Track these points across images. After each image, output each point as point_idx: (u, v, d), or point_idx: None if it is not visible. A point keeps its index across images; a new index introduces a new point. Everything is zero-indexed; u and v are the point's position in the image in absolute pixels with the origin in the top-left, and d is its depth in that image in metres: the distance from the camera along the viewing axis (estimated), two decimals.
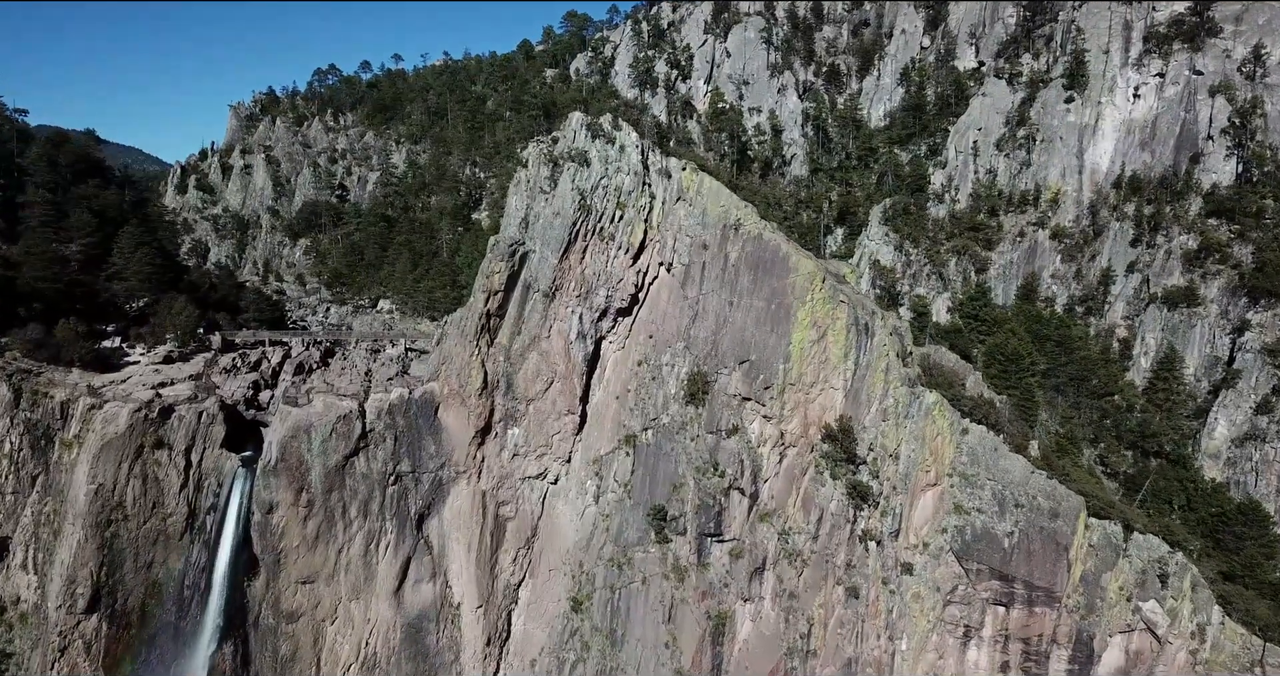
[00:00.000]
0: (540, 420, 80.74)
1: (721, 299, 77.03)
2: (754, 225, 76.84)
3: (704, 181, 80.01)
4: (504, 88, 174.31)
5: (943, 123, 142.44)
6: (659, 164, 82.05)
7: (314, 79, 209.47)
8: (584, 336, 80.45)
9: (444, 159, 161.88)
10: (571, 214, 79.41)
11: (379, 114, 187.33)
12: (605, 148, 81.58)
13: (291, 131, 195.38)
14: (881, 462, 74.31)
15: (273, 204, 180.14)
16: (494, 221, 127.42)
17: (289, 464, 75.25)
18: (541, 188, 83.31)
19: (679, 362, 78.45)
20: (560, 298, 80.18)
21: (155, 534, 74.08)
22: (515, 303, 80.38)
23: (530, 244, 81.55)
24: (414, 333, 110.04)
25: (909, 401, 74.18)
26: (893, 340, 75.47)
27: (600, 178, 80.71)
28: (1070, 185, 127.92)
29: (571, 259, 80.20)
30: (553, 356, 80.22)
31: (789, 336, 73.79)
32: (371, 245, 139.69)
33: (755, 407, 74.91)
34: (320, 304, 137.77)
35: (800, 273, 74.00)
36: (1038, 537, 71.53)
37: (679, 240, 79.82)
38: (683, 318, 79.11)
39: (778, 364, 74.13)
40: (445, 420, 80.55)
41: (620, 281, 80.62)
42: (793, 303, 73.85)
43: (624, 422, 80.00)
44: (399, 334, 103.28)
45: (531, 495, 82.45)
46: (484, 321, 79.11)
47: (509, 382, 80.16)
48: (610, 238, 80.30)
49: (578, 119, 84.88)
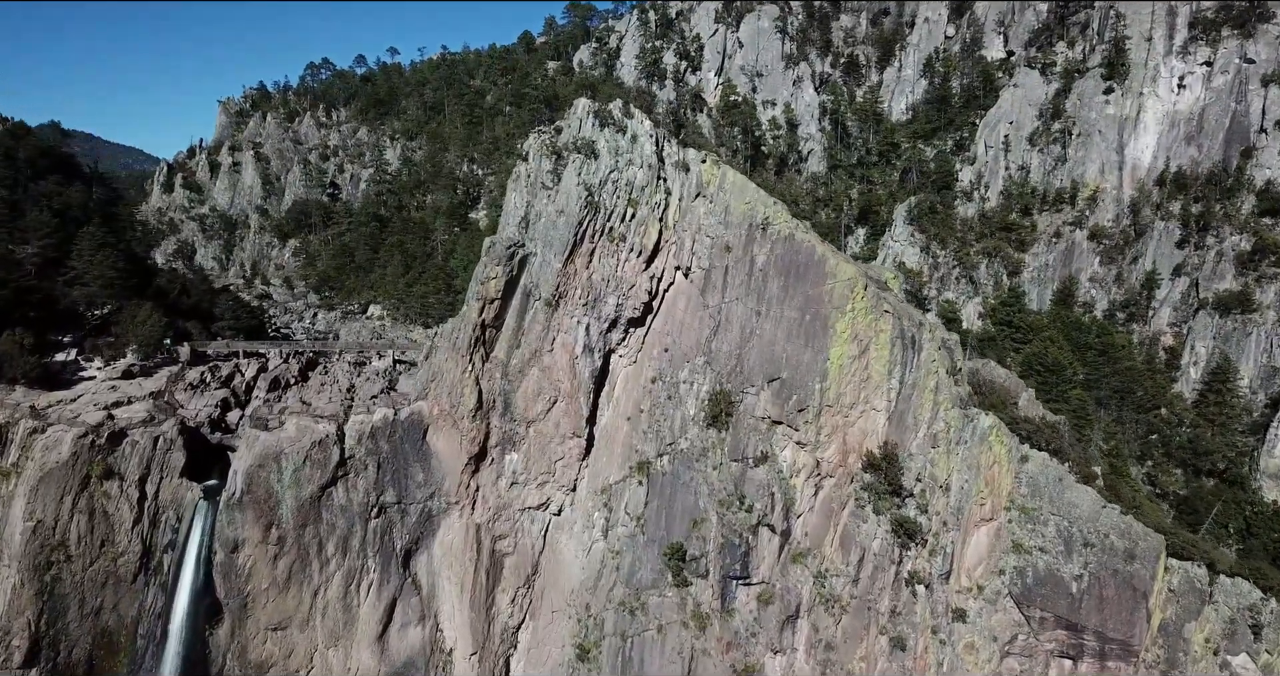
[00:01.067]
0: (542, 444, 71.07)
1: (747, 308, 67.33)
2: (784, 224, 67.16)
3: (726, 175, 70.33)
4: (504, 81, 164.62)
5: (970, 116, 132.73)
6: (675, 155, 72.37)
7: (306, 73, 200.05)
8: (591, 350, 70.79)
9: (440, 155, 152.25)
10: (577, 212, 69.78)
11: (373, 109, 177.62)
12: (615, 137, 71.90)
13: (283, 127, 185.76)
14: (931, 495, 64.62)
15: (262, 203, 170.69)
16: (492, 221, 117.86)
17: (256, 496, 65.56)
18: (543, 183, 73.66)
19: (699, 380, 68.76)
20: (564, 306, 70.52)
21: (104, 576, 64.37)
22: (514, 312, 70.71)
23: (531, 246, 71.89)
24: (404, 342, 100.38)
25: (961, 425, 64.48)
26: (942, 355, 65.76)
27: (609, 171, 71.04)
28: (1109, 182, 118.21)
29: (577, 262, 70.55)
30: (556, 372, 70.59)
31: (826, 351, 64.11)
32: (362, 247, 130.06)
33: (787, 432, 65.22)
34: (307, 309, 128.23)
35: (839, 278, 64.31)
36: (1111, 582, 61.84)
37: (698, 241, 70.14)
38: (703, 329, 69.42)
39: (813, 382, 64.44)
40: (435, 444, 70.90)
41: (632, 288, 70.96)
42: (830, 313, 64.16)
43: (636, 447, 70.33)
44: (386, 344, 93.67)
45: (532, 528, 72.79)
46: (478, 333, 69.44)
47: (506, 402, 70.46)
48: (620, 239, 70.62)
49: (584, 106, 75.20)
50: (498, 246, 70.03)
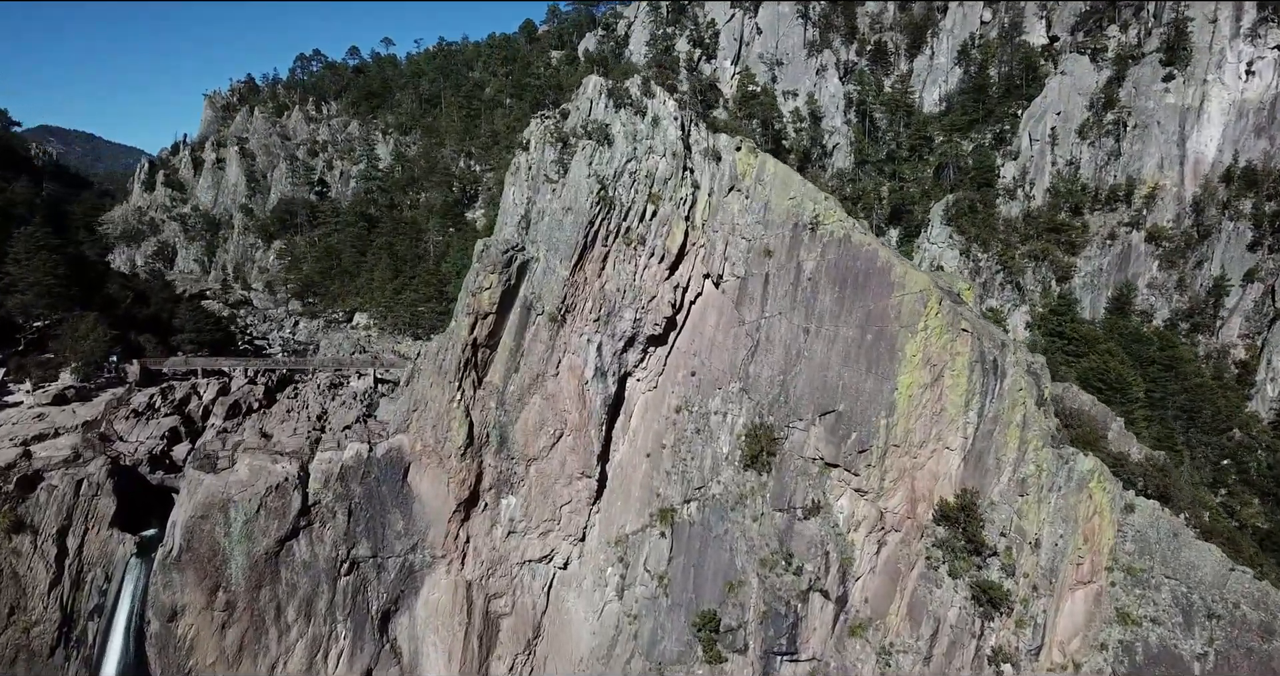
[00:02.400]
0: (545, 486, 58.87)
1: (793, 324, 55.16)
2: (838, 224, 54.95)
3: (766, 165, 58.12)
4: (504, 71, 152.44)
5: (1010, 107, 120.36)
6: (704, 142, 60.16)
7: (296, 65, 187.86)
8: (604, 373, 58.61)
9: (435, 151, 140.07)
10: (587, 209, 57.58)
11: (365, 102, 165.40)
12: (632, 121, 59.72)
13: (270, 122, 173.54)
14: (1018, 553, 52.40)
15: (246, 202, 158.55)
16: (490, 221, 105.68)
17: (199, 554, 53.35)
18: (547, 175, 61.50)
19: (734, 411, 56.59)
20: (572, 322, 58.32)
21: (14, 650, 52.19)
22: (512, 329, 58.50)
23: (532, 249, 59.72)
24: (390, 356, 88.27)
25: (1055, 468, 52.30)
26: (1029, 383, 53.51)
27: (626, 160, 58.84)
28: (1169, 178, 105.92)
29: (587, 269, 58.36)
30: (562, 401, 58.40)
31: (893, 378, 51.90)
32: (348, 249, 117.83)
33: (843, 477, 53.02)
34: (288, 317, 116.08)
35: (908, 290, 52.11)
36: (1244, 662, 49.69)
37: (732, 244, 57.97)
38: (738, 349, 57.23)
39: (876, 417, 52.25)
40: (418, 486, 58.72)
41: (652, 300, 58.74)
42: (898, 332, 51.95)
43: (658, 491, 58.13)
44: (367, 360, 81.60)
45: (533, 584, 60.59)
46: (469, 354, 57.28)
47: (503, 436, 58.27)
48: (639, 241, 58.42)
49: (595, 84, 62.99)
50: (492, 250, 57.83)
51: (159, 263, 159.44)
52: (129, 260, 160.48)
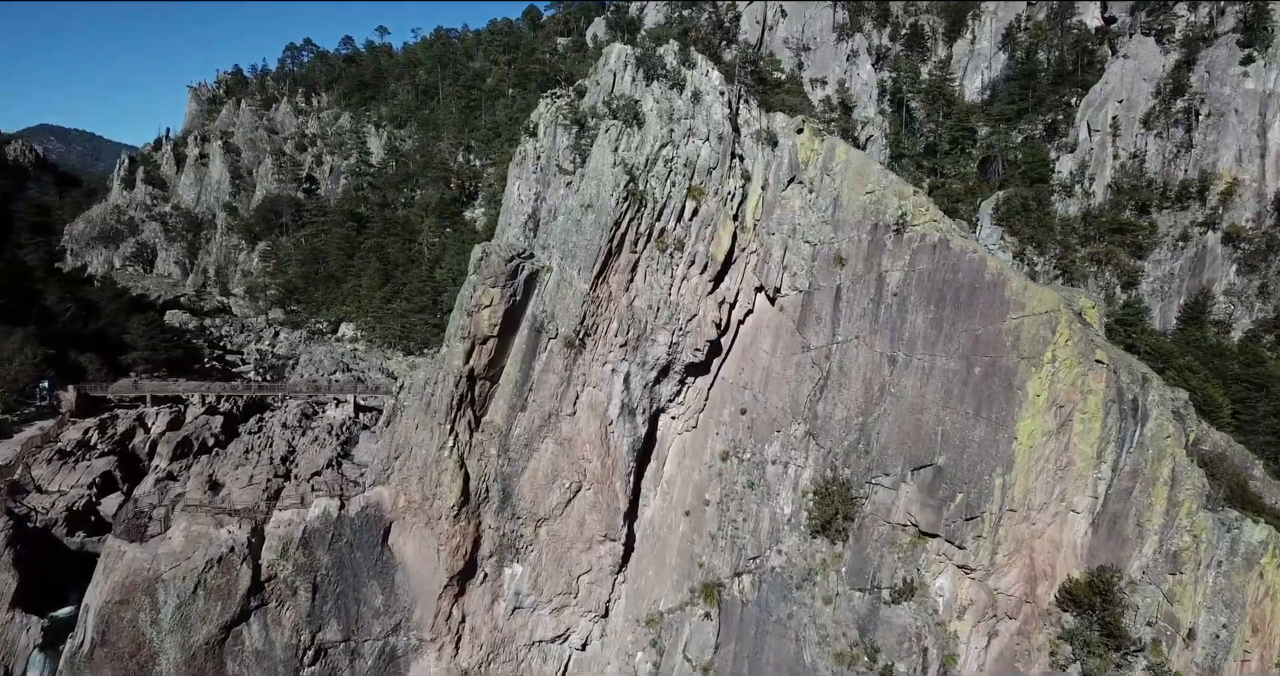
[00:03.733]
0: (559, 551, 46.77)
1: (874, 352, 43.12)
2: (932, 225, 42.84)
3: (836, 151, 45.98)
4: (505, 59, 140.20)
5: (1063, 95, 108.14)
6: (756, 123, 47.99)
7: (286, 56, 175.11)
8: (632, 411, 46.52)
9: (432, 144, 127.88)
10: (612, 206, 45.42)
11: (357, 93, 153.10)
12: (668, 96, 47.53)
13: (257, 115, 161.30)
14: (1169, 647, 40.38)
15: (230, 200, 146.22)
16: (492, 220, 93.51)
17: (117, 649, 41.27)
18: (560, 165, 49.31)
19: (797, 460, 44.54)
20: (593, 347, 46.19)
21: None
22: (517, 357, 46.37)
23: (543, 257, 47.58)
24: (376, 376, 76.26)
25: (1215, 538, 40.30)
26: (1177, 428, 41.47)
27: (660, 145, 46.66)
28: (1249, 172, 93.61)
29: (612, 282, 46.23)
30: (580, 446, 46.30)
31: (1011, 424, 39.81)
32: (335, 251, 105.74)
33: (945, 550, 40.96)
34: (268, 327, 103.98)
35: (1031, 310, 40.00)
36: None
37: (793, 250, 45.89)
38: (801, 382, 45.17)
39: (989, 473, 40.18)
40: (401, 551, 46.68)
41: (692, 319, 46.62)
42: (1017, 365, 39.86)
43: (701, 559, 46.09)
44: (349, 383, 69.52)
45: (544, 668, 48.51)
46: (464, 389, 45.20)
47: (506, 491, 46.19)
48: (676, 245, 46.29)
49: (620, 53, 50.72)
50: (493, 258, 45.57)
51: (137, 265, 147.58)
52: (106, 262, 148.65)
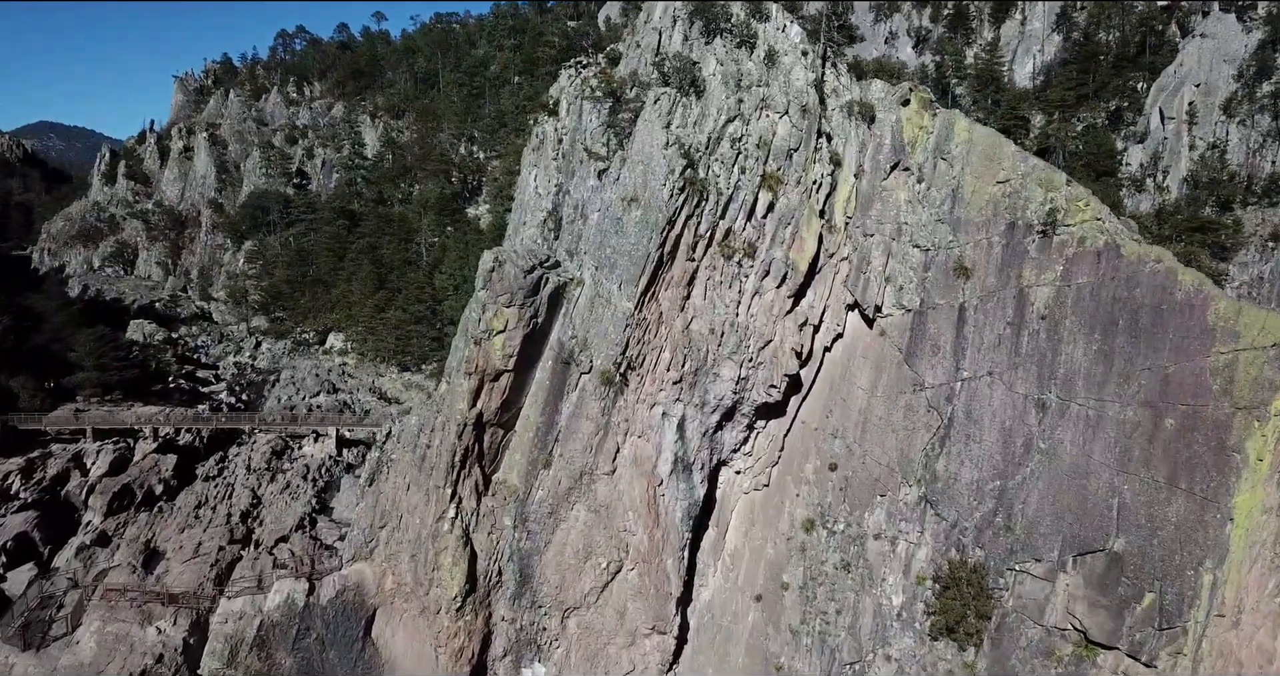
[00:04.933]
0: (593, 648, 35.69)
1: (1015, 394, 32.04)
2: (1094, 225, 31.70)
3: (956, 129, 34.82)
4: (511, 43, 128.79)
5: (1128, 79, 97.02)
6: (847, 93, 36.80)
7: (277, 43, 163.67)
8: (688, 466, 35.42)
9: (431, 135, 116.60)
10: (664, 199, 34.24)
11: (352, 82, 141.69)
12: (735, 57, 36.33)
13: (247, 106, 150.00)
14: None
15: (215, 196, 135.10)
16: (498, 218, 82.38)
17: None
18: (589, 149, 38.11)
19: (909, 534, 33.48)
20: (639, 384, 35.03)
21: None
22: (539, 396, 35.23)
23: (571, 266, 36.40)
24: (366, 399, 65.19)
25: None
26: None
27: (725, 120, 35.43)
28: None
29: (663, 298, 35.06)
30: (621, 513, 35.21)
31: (1224, 498, 28.69)
32: (324, 252, 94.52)
33: (1125, 666, 29.81)
34: (249, 336, 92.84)
35: (1249, 342, 28.87)
36: None
37: (898, 256, 34.78)
38: (913, 430, 34.09)
39: (1194, 565, 29.03)
40: (388, 647, 35.62)
41: (767, 346, 35.45)
42: (1231, 416, 28.72)
43: (777, 658, 35.00)
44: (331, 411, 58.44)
45: None
46: (470, 439, 34.11)
47: (525, 573, 35.14)
48: (746, 251, 35.10)
49: (668, 7, 39.48)
50: (508, 269, 34.29)
51: (117, 265, 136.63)
52: (85, 263, 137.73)
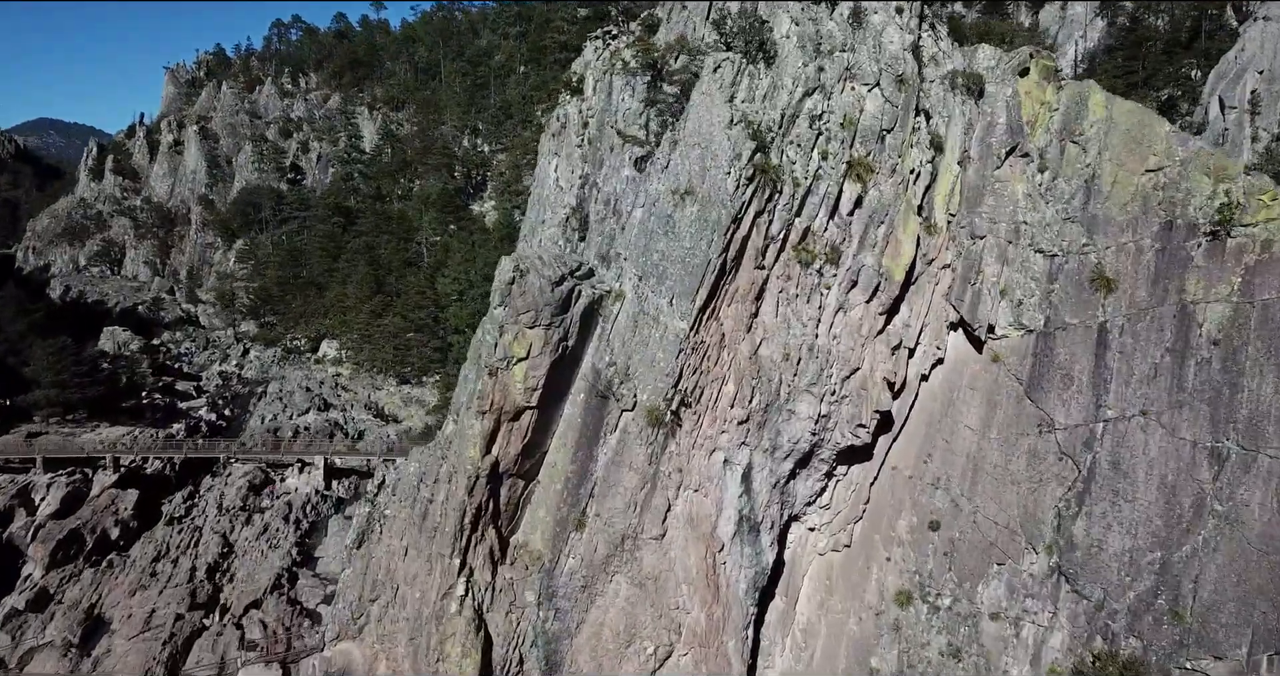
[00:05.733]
0: None
1: (1178, 439, 24.93)
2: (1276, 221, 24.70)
3: (1089, 103, 27.59)
4: (516, 31, 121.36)
5: (1181, 66, 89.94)
6: (948, 61, 29.62)
7: (272, 33, 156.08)
8: (754, 526, 28.28)
9: (433, 128, 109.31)
10: (729, 191, 27.02)
11: (349, 72, 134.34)
12: (813, 15, 29.15)
13: (240, 98, 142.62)
14: None
15: (206, 191, 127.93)
16: (505, 215, 75.22)
17: None
18: (624, 132, 30.93)
19: (1037, 614, 26.37)
20: (695, 425, 27.87)
21: None
22: (568, 439, 28.08)
23: (608, 277, 29.18)
24: (361, 418, 58.03)
25: None
26: None
27: (802, 93, 28.17)
28: None
29: (725, 316, 27.87)
30: (672, 587, 28.11)
31: None
32: (317, 251, 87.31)
33: None
34: (237, 343, 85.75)
35: None
36: None
37: (1015, 263, 27.61)
38: (1040, 481, 26.96)
39: None
40: None
41: (852, 375, 28.25)
42: None
43: None
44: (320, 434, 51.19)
45: None
46: (484, 494, 26.98)
47: (552, 660, 27.97)
48: (828, 257, 27.90)
49: None
50: (533, 279, 27.03)
51: (104, 265, 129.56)
52: (71, 262, 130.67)
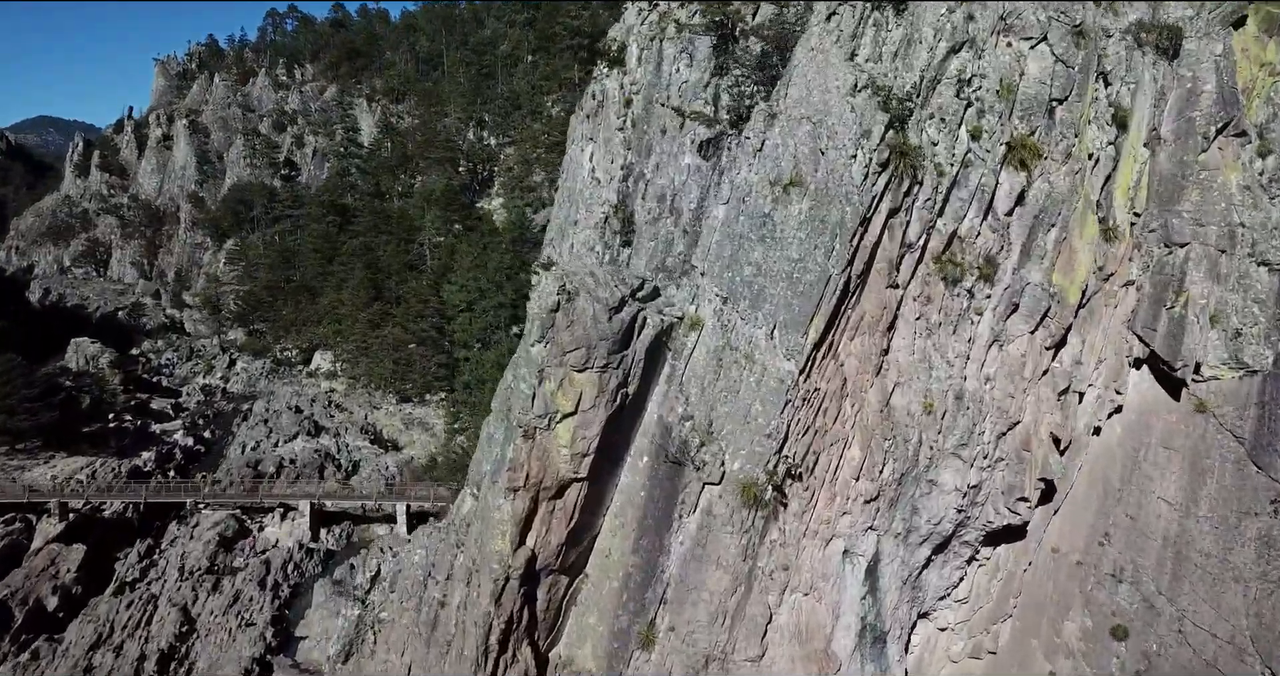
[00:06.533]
0: None
1: None
2: None
3: None
4: (523, 18, 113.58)
5: None
6: (1134, 10, 22.21)
7: (266, 23, 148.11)
8: (880, 636, 20.81)
9: (435, 120, 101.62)
10: (854, 183, 19.56)
11: (347, 63, 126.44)
12: None
13: (232, 91, 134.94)
14: None
15: (196, 188, 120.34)
16: (516, 215, 67.58)
17: None
18: (683, 109, 23.42)
19: None
20: (802, 507, 20.41)
21: None
22: (627, 517, 20.63)
23: (678, 298, 21.65)
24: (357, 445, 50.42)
25: None
26: None
27: (943, 50, 20.56)
28: None
29: (844, 353, 20.36)
30: None
31: None
32: (310, 253, 79.66)
33: None
34: (223, 353, 78.12)
35: None
36: None
37: (1229, 281, 20.14)
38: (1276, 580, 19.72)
39: None
40: None
41: (1011, 430, 20.84)
42: None
43: None
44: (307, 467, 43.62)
45: None
46: (515, 601, 19.53)
47: None
48: (980, 271, 20.42)
49: None
50: (583, 305, 19.35)
51: (89, 266, 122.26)
52: (55, 262, 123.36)
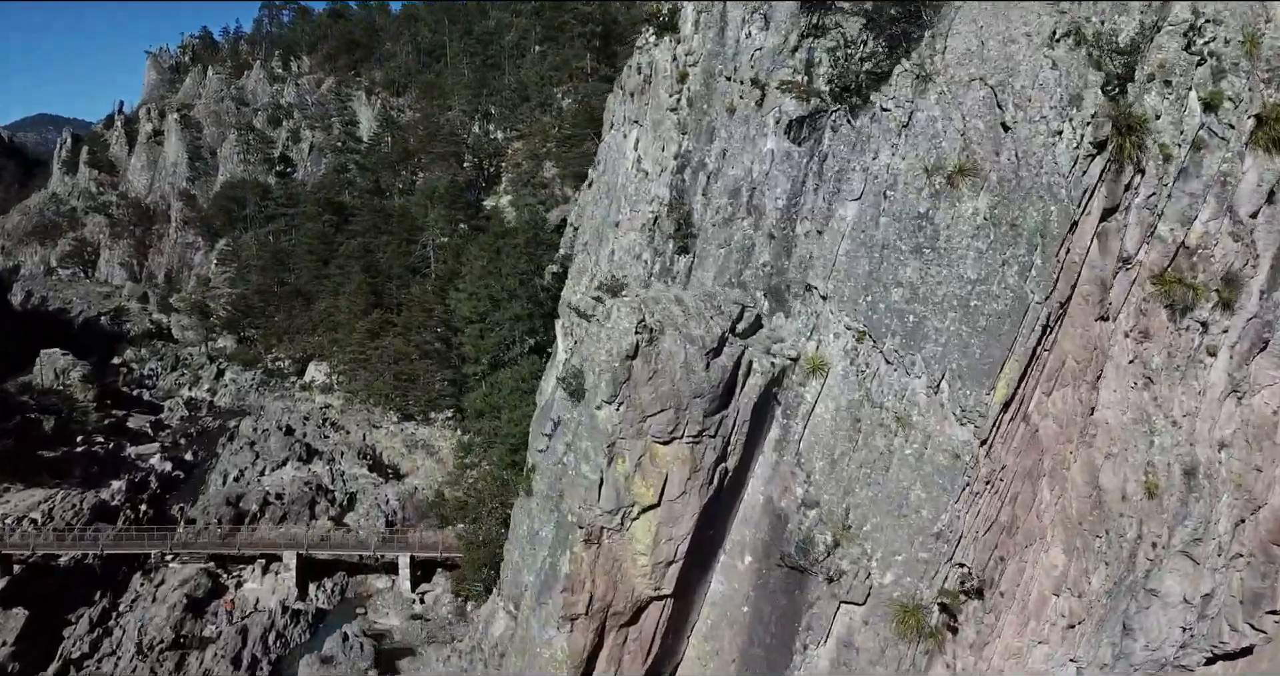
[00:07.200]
0: None
1: None
2: None
3: None
4: (530, 6, 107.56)
5: None
6: None
7: (262, 14, 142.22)
8: None
9: (438, 114, 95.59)
10: (1060, 170, 13.71)
11: (346, 55, 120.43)
12: None
13: (226, 84, 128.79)
14: None
15: (187, 185, 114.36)
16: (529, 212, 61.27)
17: None
18: (762, 81, 17.50)
19: None
20: (980, 634, 14.74)
21: None
22: (723, 640, 14.59)
23: (785, 330, 15.83)
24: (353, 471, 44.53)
25: None
26: None
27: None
28: None
29: (1038, 413, 14.53)
30: None
31: None
32: (305, 255, 73.71)
33: None
34: (211, 362, 72.17)
35: None
36: None
37: None
38: None
39: None
40: None
41: (1251, 518, 15.12)
42: None
43: None
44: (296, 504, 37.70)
45: None
46: None
47: None
48: (1217, 294, 14.65)
49: None
50: (670, 346, 13.37)
51: (76, 266, 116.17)
52: (43, 262, 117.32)
